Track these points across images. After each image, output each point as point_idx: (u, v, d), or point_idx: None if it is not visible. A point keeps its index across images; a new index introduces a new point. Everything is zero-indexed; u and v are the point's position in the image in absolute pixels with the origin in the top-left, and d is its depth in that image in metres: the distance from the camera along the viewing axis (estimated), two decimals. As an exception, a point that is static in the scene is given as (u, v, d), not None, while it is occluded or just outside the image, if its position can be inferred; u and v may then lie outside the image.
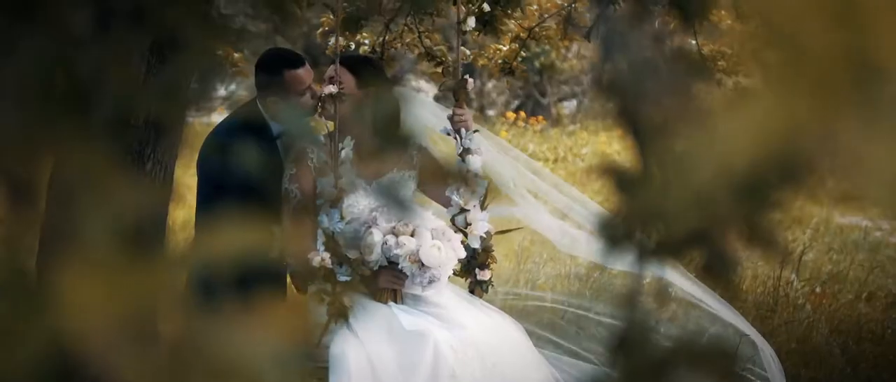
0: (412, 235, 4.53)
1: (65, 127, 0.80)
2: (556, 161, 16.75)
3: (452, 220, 4.74)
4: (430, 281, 4.55)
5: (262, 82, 4.88)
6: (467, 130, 4.78)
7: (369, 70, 4.80)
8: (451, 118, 4.81)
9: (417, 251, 4.49)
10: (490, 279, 4.83)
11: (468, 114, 4.83)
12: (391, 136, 4.72)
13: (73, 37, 0.80)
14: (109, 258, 0.83)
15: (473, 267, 4.79)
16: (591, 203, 5.50)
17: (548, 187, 5.51)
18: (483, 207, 4.77)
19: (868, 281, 8.46)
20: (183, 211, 10.46)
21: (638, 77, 0.96)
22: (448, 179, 4.74)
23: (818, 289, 7.98)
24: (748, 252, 0.99)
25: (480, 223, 4.73)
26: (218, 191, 4.61)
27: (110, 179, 0.79)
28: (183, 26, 0.92)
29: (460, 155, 4.76)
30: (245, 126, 4.89)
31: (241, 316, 0.88)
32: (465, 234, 4.73)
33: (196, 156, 4.98)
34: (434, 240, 4.53)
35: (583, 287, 7.80)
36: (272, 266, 4.61)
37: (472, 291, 4.83)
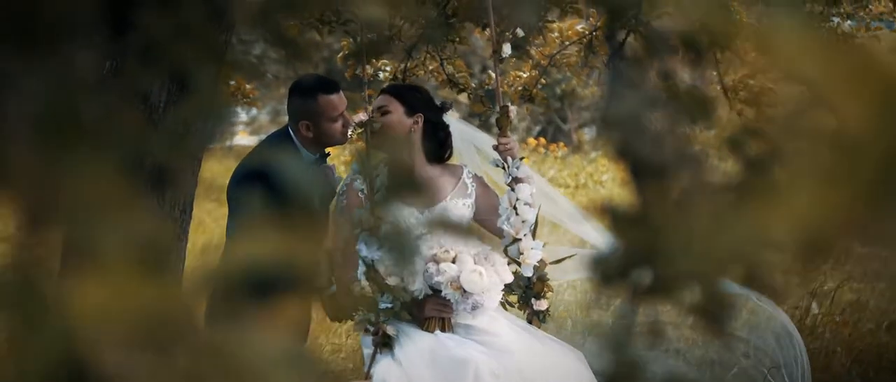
0: (453, 261, 4.48)
1: (75, 160, 0.81)
2: (576, 187, 16.73)
3: (505, 250, 4.69)
4: (474, 308, 4.47)
5: (294, 106, 4.87)
6: (513, 158, 4.71)
7: (417, 98, 4.79)
8: (496, 147, 4.76)
9: (458, 277, 4.46)
10: (547, 309, 4.76)
11: (513, 142, 4.75)
12: (442, 165, 4.73)
13: (82, 77, 0.82)
14: (124, 268, 0.84)
15: (529, 298, 4.70)
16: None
17: (565, 217, 5.48)
18: (534, 236, 4.71)
19: (889, 311, 8.41)
20: (202, 236, 10.52)
21: (640, 115, 0.96)
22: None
23: (838, 318, 7.94)
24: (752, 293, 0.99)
25: (533, 252, 4.62)
26: (248, 221, 4.57)
27: (123, 201, 0.81)
28: (197, 62, 0.93)
29: (509, 184, 4.72)
30: (276, 154, 4.88)
31: (258, 324, 0.89)
32: (519, 264, 4.66)
33: (215, 182, 4.98)
34: (476, 266, 4.47)
35: (602, 314, 7.78)
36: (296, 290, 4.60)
37: (529, 322, 4.76)
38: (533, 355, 4.53)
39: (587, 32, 6.29)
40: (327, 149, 5.04)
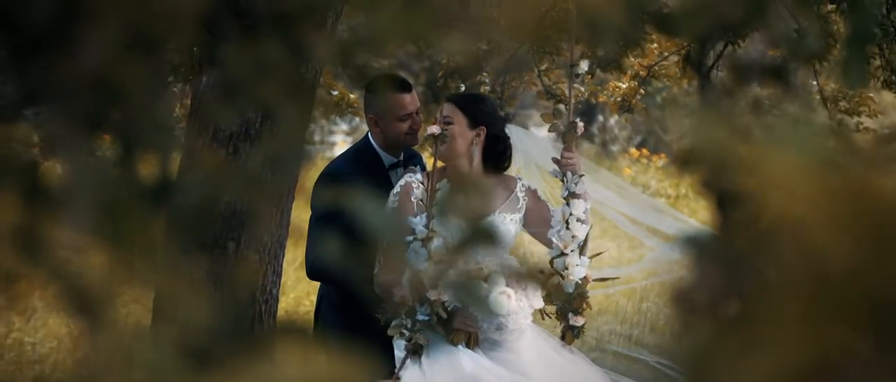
0: (486, 280, 4.48)
1: (144, 222, 0.82)
2: (677, 198, 16.56)
3: (551, 262, 4.67)
4: (499, 328, 4.52)
5: (368, 101, 4.97)
6: (574, 174, 4.67)
7: (481, 109, 4.76)
8: (558, 161, 4.74)
9: (487, 296, 4.47)
10: (583, 325, 4.72)
11: (576, 157, 4.69)
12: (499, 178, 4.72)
13: (160, 121, 0.83)
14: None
15: (567, 312, 4.68)
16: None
17: (670, 222, 5.46)
18: (582, 252, 4.68)
19: None
20: (300, 250, 10.60)
21: (725, 147, 0.94)
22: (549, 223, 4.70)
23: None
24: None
25: (578, 268, 4.60)
26: (326, 225, 4.62)
27: (185, 296, 0.81)
28: (278, 99, 0.94)
29: (565, 198, 4.69)
30: (357, 158, 4.94)
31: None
32: (562, 277, 4.66)
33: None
34: (506, 287, 4.49)
35: (663, 334, 7.71)
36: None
37: (563, 337, 4.73)
38: (552, 373, 4.53)
39: (686, 43, 6.23)
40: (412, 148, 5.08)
